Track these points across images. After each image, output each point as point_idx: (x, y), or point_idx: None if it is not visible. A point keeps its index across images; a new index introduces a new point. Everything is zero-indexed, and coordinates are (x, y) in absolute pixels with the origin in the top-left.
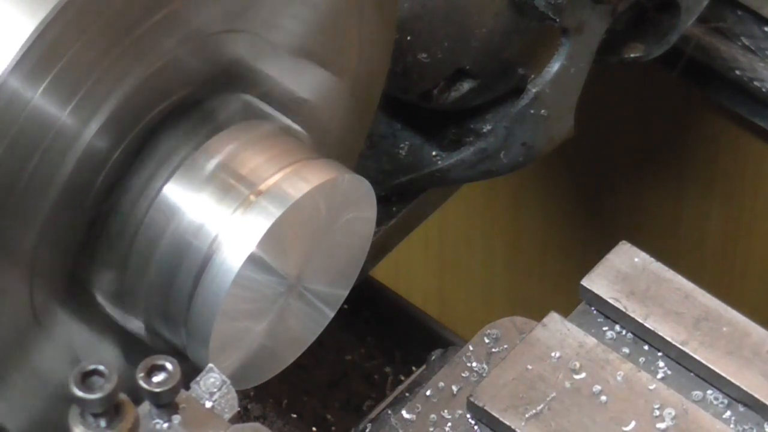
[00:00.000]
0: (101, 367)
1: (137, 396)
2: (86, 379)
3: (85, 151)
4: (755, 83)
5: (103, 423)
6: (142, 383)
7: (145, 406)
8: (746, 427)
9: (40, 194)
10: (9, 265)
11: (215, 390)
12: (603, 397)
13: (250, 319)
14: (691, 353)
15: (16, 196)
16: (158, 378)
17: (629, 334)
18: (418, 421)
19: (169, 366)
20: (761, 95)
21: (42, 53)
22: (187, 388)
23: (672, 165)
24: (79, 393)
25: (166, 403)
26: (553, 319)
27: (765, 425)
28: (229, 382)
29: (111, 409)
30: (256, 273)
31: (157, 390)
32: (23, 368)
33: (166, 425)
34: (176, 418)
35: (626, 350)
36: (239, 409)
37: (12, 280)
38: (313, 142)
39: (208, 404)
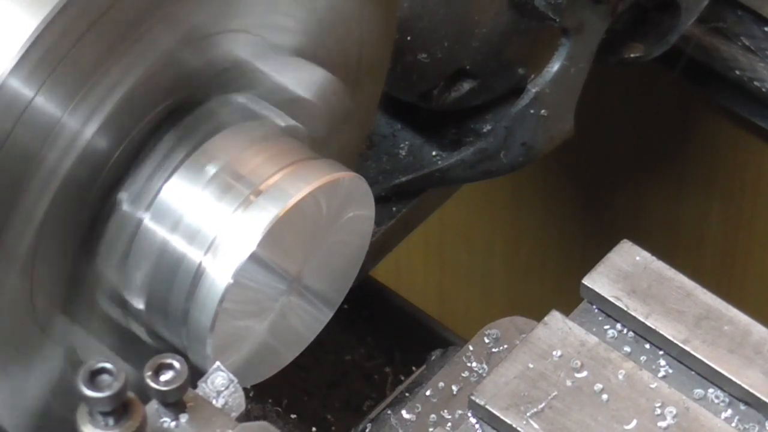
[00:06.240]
0: (109, 366)
1: (144, 395)
2: (94, 377)
3: (85, 150)
4: (755, 83)
5: (111, 421)
6: (149, 382)
7: (153, 405)
8: (747, 425)
9: (40, 194)
10: (8, 266)
11: (223, 389)
12: (604, 396)
13: (251, 317)
14: (693, 352)
15: (16, 196)
16: (166, 376)
17: (630, 333)
18: (418, 421)
19: (176, 364)
20: (761, 95)
21: (42, 53)
22: (195, 386)
23: (672, 165)
24: (87, 391)
25: (173, 402)
26: (555, 317)
27: (766, 423)
28: (236, 381)
29: (119, 408)
30: (256, 272)
31: (165, 388)
32: (23, 369)
33: (173, 424)
34: (184, 417)
35: (627, 349)
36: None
37: (11, 280)
38: (313, 142)
39: (216, 403)
